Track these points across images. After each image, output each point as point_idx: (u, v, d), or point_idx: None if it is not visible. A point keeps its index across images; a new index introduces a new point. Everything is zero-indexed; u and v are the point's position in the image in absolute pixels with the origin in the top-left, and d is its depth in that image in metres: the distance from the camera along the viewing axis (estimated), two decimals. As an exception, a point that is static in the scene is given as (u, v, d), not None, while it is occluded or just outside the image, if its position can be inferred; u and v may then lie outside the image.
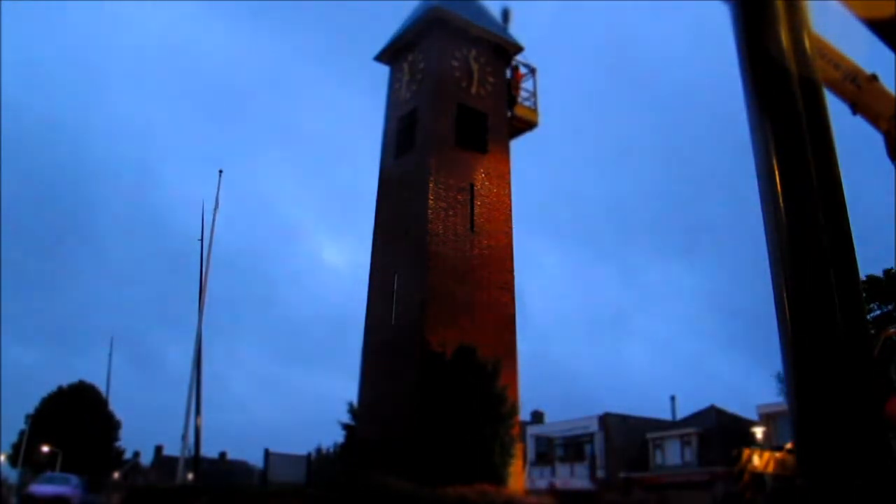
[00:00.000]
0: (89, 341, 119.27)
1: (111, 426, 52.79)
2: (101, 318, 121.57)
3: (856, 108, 12.89)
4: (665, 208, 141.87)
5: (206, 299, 25.04)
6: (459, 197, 19.21)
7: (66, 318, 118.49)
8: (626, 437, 42.07)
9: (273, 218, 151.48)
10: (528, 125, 22.02)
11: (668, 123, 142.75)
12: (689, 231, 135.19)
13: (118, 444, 55.02)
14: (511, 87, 21.77)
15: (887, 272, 30.13)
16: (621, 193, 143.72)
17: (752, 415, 36.78)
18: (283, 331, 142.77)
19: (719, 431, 37.79)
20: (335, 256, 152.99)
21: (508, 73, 21.93)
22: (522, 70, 22.37)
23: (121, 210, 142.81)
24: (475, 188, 19.62)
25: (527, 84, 22.41)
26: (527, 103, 22.12)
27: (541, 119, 22.24)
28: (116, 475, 55.92)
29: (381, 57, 22.56)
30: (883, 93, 12.77)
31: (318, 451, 27.08)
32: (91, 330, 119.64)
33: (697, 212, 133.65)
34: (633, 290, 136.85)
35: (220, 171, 26.72)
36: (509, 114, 21.44)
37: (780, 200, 1.82)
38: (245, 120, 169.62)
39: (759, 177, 1.91)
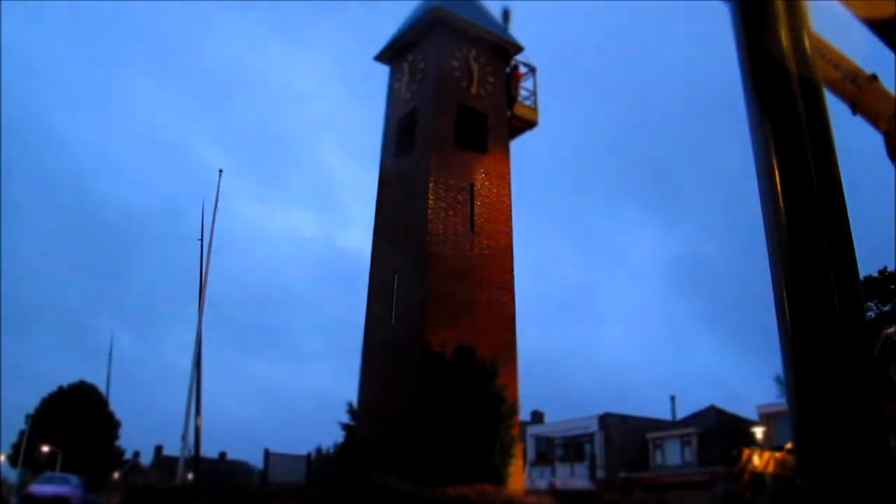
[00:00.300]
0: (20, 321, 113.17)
1: (111, 426, 52.77)
2: (30, 297, 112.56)
3: (856, 108, 12.90)
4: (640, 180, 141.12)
5: (206, 297, 25.05)
6: (459, 197, 19.21)
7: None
8: (626, 437, 42.05)
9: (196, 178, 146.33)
10: (528, 124, 22.03)
11: (652, 105, 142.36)
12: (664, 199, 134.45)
13: (118, 444, 55.04)
14: (511, 87, 21.76)
15: (883, 272, 30.19)
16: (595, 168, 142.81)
17: (752, 415, 36.80)
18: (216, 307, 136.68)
19: (719, 431, 37.78)
20: (263, 220, 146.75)
21: (507, 73, 21.93)
22: (522, 69, 22.37)
23: (31, 175, 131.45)
24: (475, 188, 19.62)
25: (527, 83, 22.42)
26: (527, 102, 22.12)
27: (540, 118, 22.26)
28: (116, 475, 55.91)
29: (381, 57, 22.56)
30: (883, 93, 12.78)
31: (318, 451, 27.10)
32: (21, 309, 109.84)
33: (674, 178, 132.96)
34: (598, 268, 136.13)
35: (220, 171, 26.75)
36: (509, 113, 21.44)
37: (780, 200, 1.82)
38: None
39: (759, 177, 1.91)
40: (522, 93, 22.12)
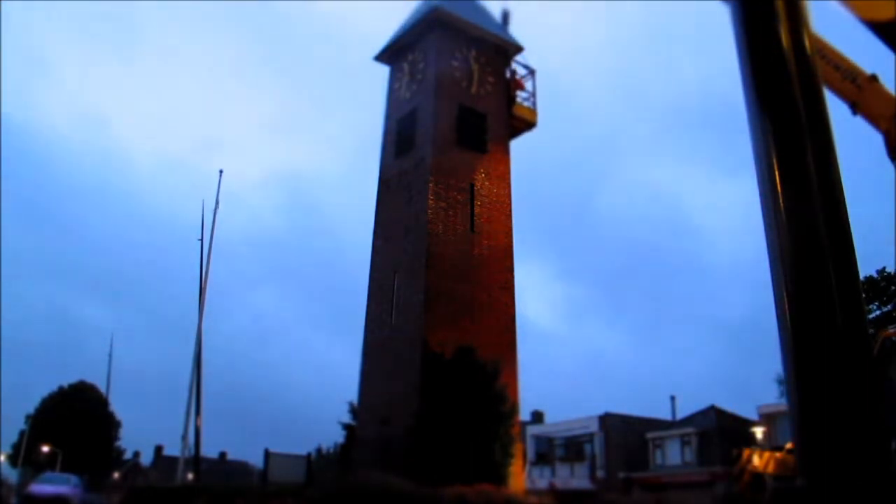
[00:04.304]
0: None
1: (111, 426, 52.79)
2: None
3: (856, 107, 12.91)
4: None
5: (206, 297, 25.06)
6: (459, 197, 19.21)
7: None
8: (626, 437, 42.05)
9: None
10: (527, 125, 22.04)
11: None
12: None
13: (118, 444, 55.05)
14: (510, 88, 21.79)
15: (881, 272, 30.23)
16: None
17: (752, 415, 36.82)
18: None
19: (719, 431, 37.79)
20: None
21: (508, 74, 21.96)
22: (522, 71, 22.41)
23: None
24: (475, 188, 19.62)
25: (526, 84, 22.44)
26: (526, 104, 22.14)
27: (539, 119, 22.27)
28: (116, 475, 55.90)
29: (381, 57, 22.57)
30: (883, 93, 12.79)
31: (318, 451, 27.07)
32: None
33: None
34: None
35: (221, 171, 26.79)
36: (508, 114, 21.45)
37: (780, 200, 1.82)
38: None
39: (758, 176, 1.91)
40: (522, 94, 22.16)
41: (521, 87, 22.06)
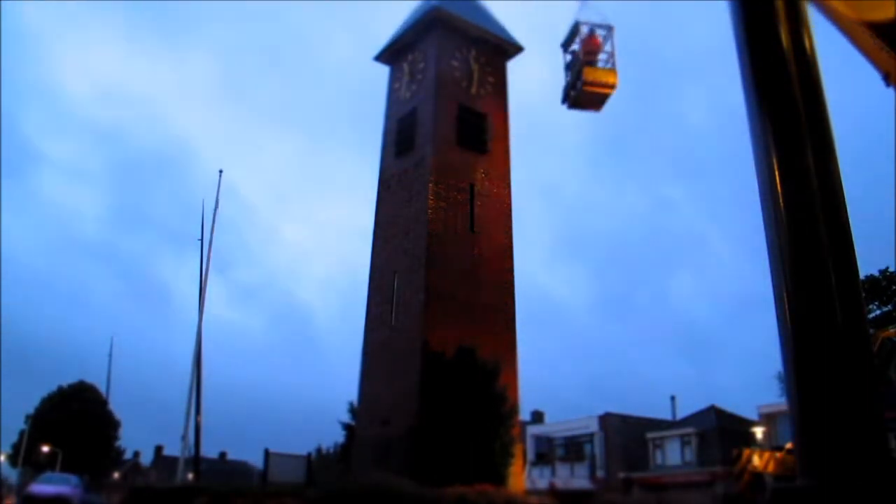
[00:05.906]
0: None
1: (111, 426, 52.74)
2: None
3: (889, 78, 12.81)
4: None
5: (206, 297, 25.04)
6: (459, 197, 19.20)
7: None
8: (626, 437, 42.03)
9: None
10: (607, 87, 18.23)
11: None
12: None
13: (118, 444, 54.99)
14: (584, 52, 18.20)
15: (884, 272, 30.22)
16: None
17: (752, 415, 36.82)
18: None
19: (719, 431, 37.78)
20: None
21: (586, 31, 18.46)
22: (599, 32, 18.87)
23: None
24: (475, 188, 19.61)
25: (604, 45, 18.45)
26: (607, 65, 18.38)
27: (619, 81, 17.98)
28: (116, 475, 55.87)
29: (381, 57, 22.56)
30: None
31: (318, 451, 27.07)
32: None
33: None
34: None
35: (220, 171, 26.74)
36: (580, 83, 18.08)
37: (780, 200, 1.83)
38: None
39: (759, 177, 1.91)
40: (601, 56, 18.48)
41: (597, 46, 18.54)
